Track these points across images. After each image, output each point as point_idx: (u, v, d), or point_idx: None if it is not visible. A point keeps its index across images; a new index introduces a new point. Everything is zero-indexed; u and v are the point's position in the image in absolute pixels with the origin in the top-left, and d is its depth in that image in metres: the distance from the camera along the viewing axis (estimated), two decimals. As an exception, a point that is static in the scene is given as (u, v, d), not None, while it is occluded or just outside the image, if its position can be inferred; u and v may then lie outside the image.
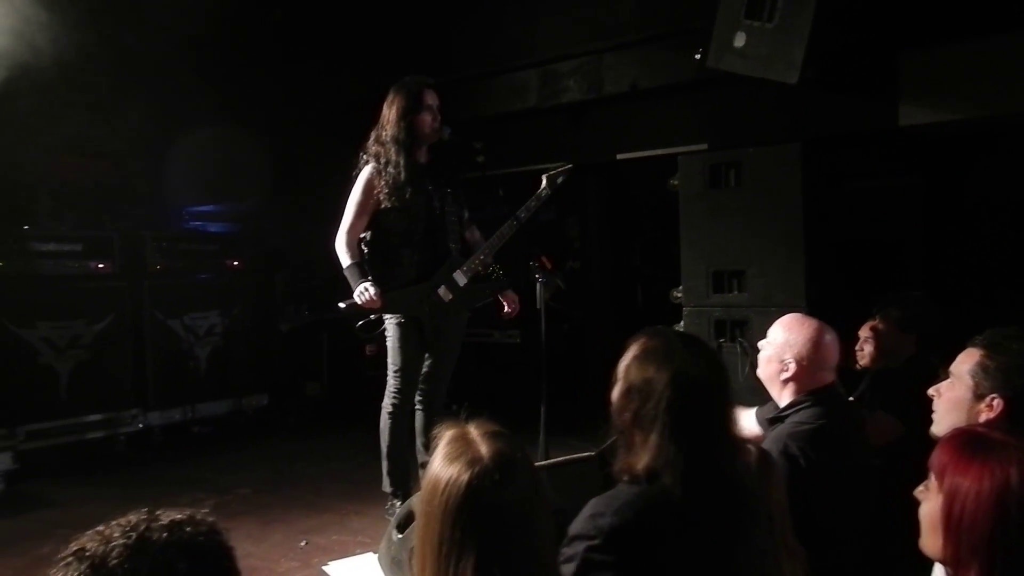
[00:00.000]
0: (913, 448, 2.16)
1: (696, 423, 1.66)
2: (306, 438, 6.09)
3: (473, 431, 1.46)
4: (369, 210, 3.87)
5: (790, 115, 4.87)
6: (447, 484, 1.39)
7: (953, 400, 2.07)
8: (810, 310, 3.44)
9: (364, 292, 3.74)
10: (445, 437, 1.47)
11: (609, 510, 1.63)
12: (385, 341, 3.97)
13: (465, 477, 1.38)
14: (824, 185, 4.38)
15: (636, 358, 1.75)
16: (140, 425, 5.57)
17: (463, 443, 1.44)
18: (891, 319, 3.35)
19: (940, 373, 2.20)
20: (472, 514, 1.37)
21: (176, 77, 6.10)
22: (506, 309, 4.11)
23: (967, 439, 1.47)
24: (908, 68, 4.53)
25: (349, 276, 3.82)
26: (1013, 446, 1.40)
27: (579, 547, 1.62)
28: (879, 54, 4.54)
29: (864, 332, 3.42)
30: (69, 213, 6.01)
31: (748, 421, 2.57)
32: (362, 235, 3.90)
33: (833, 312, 2.94)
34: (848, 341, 3.20)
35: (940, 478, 1.44)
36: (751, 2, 4.18)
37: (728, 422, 1.72)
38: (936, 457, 1.47)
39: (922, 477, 1.51)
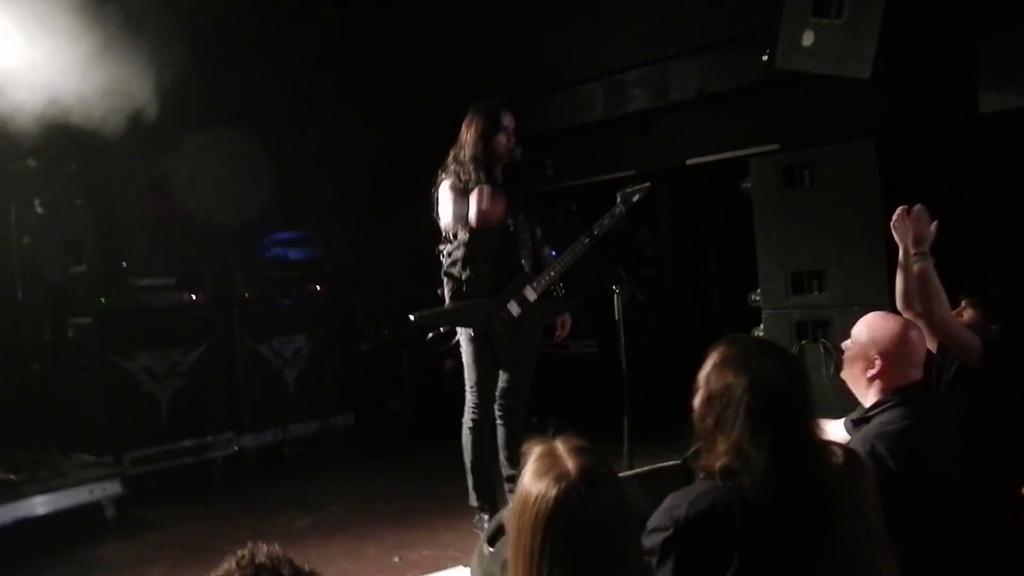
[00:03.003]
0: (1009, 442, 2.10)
1: (775, 426, 1.69)
2: (392, 454, 6.22)
3: (560, 447, 1.52)
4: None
5: (863, 110, 4.76)
6: (536, 499, 1.45)
7: None
8: (895, 307, 3.37)
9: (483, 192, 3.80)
10: (533, 453, 1.53)
11: (684, 502, 1.69)
12: (461, 356, 4.06)
13: (553, 492, 1.43)
14: (902, 178, 4.28)
15: (716, 365, 1.80)
16: (235, 448, 5.77)
17: (551, 458, 1.50)
18: (977, 309, 3.28)
19: None
20: (561, 527, 1.42)
21: (252, 110, 6.34)
22: (557, 332, 4.19)
23: None
24: (987, 53, 4.38)
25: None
26: None
27: (656, 539, 1.68)
28: (954, 40, 4.41)
29: None
30: (160, 248, 6.31)
31: (836, 431, 2.52)
32: (441, 247, 4.02)
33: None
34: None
35: None
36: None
37: (809, 426, 1.74)
38: None
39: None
